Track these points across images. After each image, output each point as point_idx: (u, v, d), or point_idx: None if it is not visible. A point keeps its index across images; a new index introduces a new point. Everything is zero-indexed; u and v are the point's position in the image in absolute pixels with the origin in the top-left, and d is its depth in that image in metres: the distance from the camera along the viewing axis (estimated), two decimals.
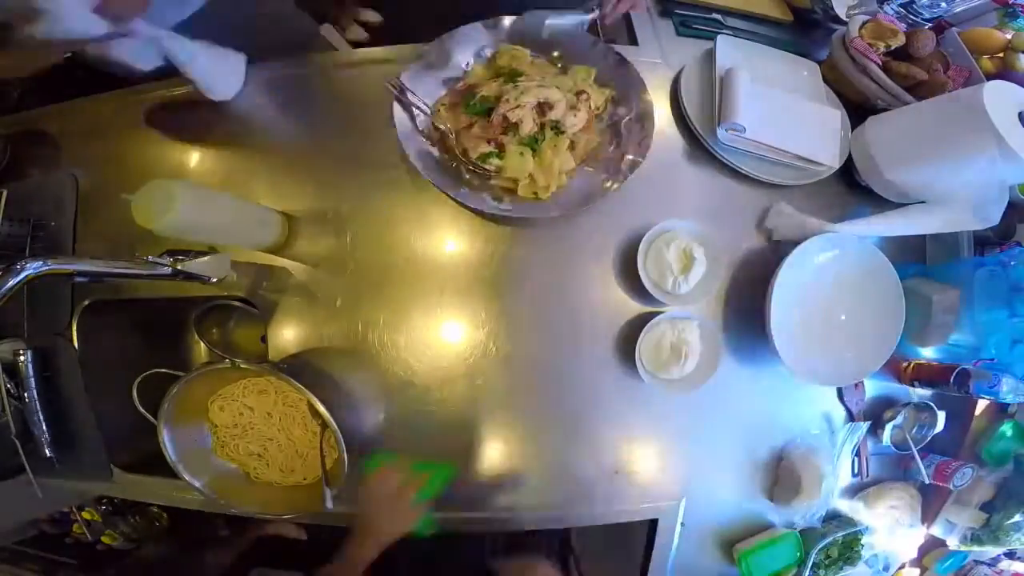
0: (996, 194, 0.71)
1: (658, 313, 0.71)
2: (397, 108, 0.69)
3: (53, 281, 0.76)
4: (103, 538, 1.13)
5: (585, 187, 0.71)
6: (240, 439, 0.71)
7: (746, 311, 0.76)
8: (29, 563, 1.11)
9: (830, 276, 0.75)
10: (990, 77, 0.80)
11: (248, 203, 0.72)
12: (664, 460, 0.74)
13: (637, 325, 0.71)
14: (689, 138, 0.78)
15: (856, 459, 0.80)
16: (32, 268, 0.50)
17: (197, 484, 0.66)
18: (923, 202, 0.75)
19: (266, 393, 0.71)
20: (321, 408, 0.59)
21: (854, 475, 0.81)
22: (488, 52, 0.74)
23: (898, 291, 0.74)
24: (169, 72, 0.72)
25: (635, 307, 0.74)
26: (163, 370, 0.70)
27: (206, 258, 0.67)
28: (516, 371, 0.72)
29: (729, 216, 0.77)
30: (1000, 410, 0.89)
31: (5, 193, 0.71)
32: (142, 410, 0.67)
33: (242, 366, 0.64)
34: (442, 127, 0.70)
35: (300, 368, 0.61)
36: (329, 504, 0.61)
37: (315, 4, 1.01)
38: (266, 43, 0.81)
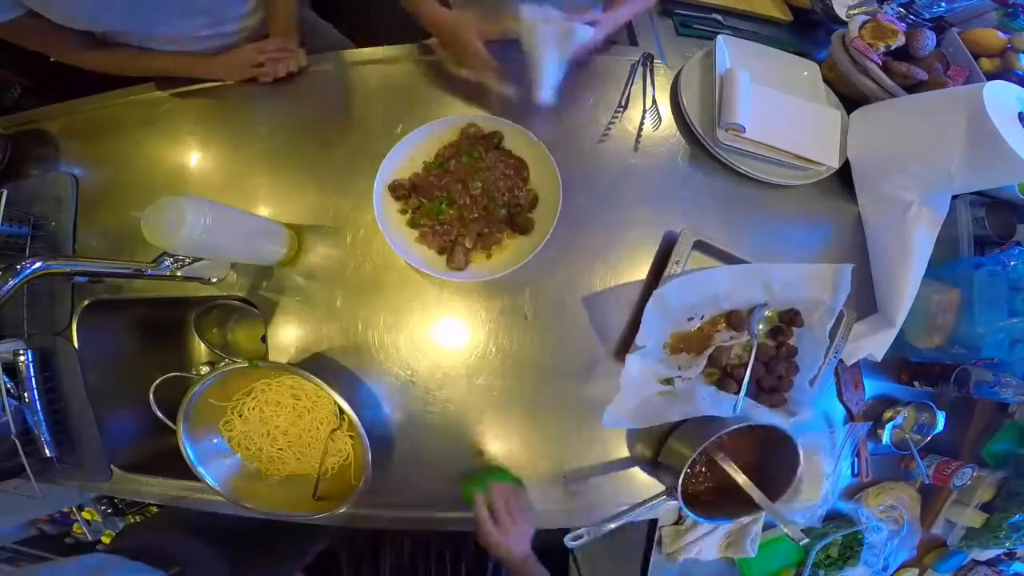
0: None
1: None
2: None
3: (53, 281, 0.76)
4: (103, 538, 1.13)
5: None
6: (258, 438, 0.71)
7: None
8: (29, 563, 1.11)
9: None
10: (990, 77, 0.80)
11: (259, 218, 0.72)
12: None
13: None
14: (689, 138, 0.78)
15: (856, 459, 0.80)
16: (32, 268, 0.50)
17: (215, 485, 0.66)
18: None
19: (281, 393, 0.71)
20: (343, 404, 0.59)
21: (854, 475, 0.81)
22: None
23: None
24: None
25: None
26: (178, 374, 0.70)
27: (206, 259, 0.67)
28: (516, 371, 0.72)
29: (730, 216, 0.77)
30: (1000, 410, 0.89)
31: (5, 193, 0.71)
32: (159, 414, 0.67)
33: (261, 366, 0.64)
34: None
35: (316, 369, 0.62)
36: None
37: None
38: None
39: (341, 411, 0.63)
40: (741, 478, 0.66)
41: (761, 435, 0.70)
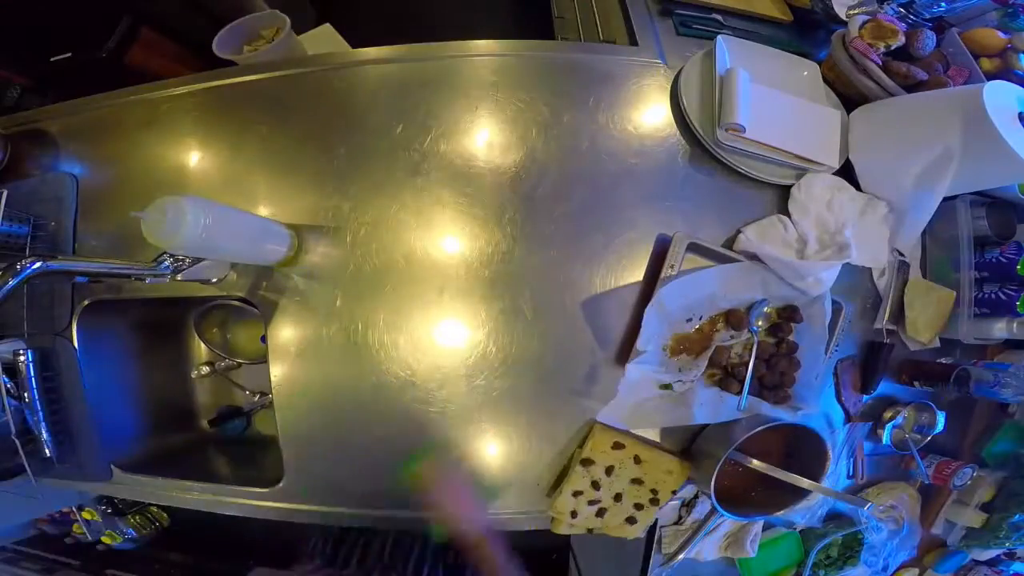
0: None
1: None
2: None
3: (53, 281, 0.76)
4: (103, 538, 1.14)
5: None
6: None
7: None
8: (29, 563, 1.11)
9: None
10: (990, 77, 0.80)
11: (259, 218, 0.72)
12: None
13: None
14: (689, 138, 0.78)
15: (851, 461, 0.80)
16: (32, 268, 0.50)
17: None
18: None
19: None
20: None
21: (848, 476, 0.81)
22: None
23: None
24: None
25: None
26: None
27: (206, 260, 0.67)
28: (516, 372, 0.72)
29: (729, 216, 0.77)
30: (1000, 410, 0.89)
31: (5, 193, 0.71)
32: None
33: None
34: None
35: None
36: None
37: None
38: None
39: None
40: (780, 473, 0.66)
41: (784, 430, 0.70)
